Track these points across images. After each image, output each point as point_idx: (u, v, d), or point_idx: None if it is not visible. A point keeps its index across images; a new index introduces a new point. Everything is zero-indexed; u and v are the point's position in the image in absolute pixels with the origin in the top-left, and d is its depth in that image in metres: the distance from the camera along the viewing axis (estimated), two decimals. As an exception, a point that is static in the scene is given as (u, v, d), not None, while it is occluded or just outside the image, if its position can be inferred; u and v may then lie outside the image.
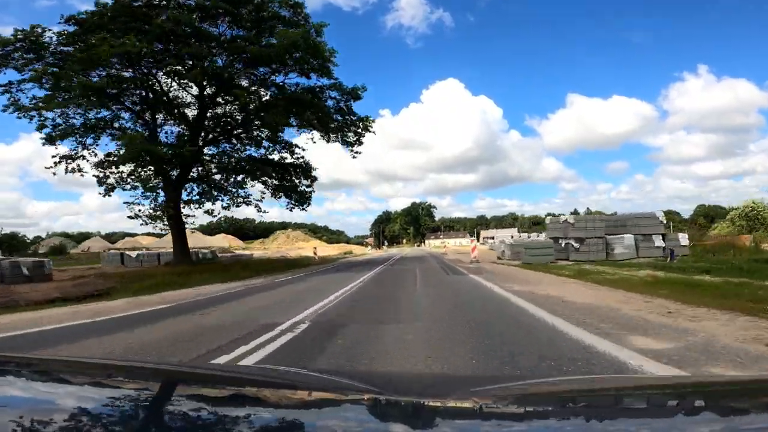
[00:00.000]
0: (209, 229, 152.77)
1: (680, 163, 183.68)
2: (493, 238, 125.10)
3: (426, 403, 1.15)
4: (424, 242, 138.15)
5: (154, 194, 22.32)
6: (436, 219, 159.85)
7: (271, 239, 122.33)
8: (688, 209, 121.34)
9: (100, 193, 22.61)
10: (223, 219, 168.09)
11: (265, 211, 28.28)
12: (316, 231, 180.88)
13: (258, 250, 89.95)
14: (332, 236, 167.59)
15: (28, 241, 68.84)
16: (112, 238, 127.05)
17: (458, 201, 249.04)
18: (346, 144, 25.45)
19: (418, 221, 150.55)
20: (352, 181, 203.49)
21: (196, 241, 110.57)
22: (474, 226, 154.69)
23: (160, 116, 24.78)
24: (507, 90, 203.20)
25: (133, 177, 22.86)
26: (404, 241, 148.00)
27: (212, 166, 26.16)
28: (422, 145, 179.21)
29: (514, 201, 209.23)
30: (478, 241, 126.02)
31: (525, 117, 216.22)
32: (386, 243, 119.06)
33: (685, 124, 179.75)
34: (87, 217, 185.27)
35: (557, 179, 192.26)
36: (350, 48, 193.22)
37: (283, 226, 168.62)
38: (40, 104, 20.15)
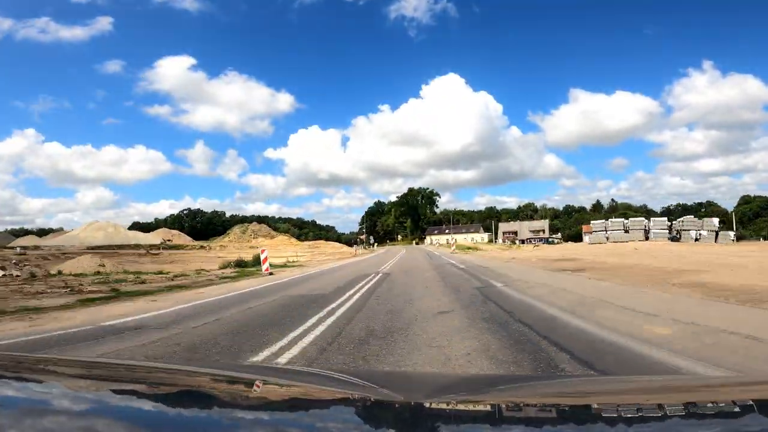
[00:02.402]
0: (166, 223, 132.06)
1: (681, 160, 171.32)
2: (515, 232, 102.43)
3: (428, 404, 1.13)
4: (424, 239, 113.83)
5: None
6: (437, 211, 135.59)
7: (226, 235, 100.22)
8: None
9: None
10: (186, 213, 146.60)
11: None
12: (303, 226, 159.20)
13: (193, 249, 66.05)
14: (320, 232, 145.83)
15: None
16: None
17: (458, 197, 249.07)
18: None
19: (417, 212, 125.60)
20: (351, 178, 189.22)
21: (108, 235, 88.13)
22: (483, 219, 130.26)
23: None
24: (509, 85, 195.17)
25: None
26: (399, 237, 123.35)
27: None
28: (422, 141, 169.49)
29: (513, 198, 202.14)
30: (495, 238, 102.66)
31: (527, 113, 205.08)
32: (373, 242, 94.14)
33: (689, 121, 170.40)
34: (83, 214, 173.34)
35: (557, 176, 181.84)
36: (351, 42, 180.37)
37: (261, 220, 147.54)
38: None
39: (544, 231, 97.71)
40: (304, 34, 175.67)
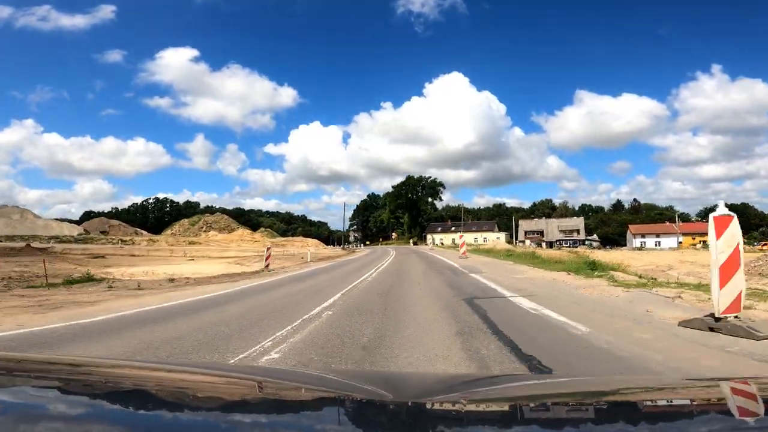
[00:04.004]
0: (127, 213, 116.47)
1: (684, 165, 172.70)
2: (541, 232, 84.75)
3: (427, 404, 1.13)
4: (424, 238, 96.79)
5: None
6: (440, 206, 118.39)
7: (170, 227, 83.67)
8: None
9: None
10: (152, 203, 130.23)
11: None
12: (292, 222, 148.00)
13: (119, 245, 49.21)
14: (311, 229, 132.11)
15: None
16: None
17: (457, 197, 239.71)
18: None
19: (416, 206, 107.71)
20: (351, 175, 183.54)
21: (9, 223, 70.53)
22: (491, 217, 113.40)
23: None
24: (513, 85, 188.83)
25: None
26: (394, 235, 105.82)
27: None
28: (424, 139, 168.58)
29: (514, 199, 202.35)
30: (514, 238, 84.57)
31: (531, 114, 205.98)
32: (352, 240, 77.20)
33: (695, 125, 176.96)
34: (80, 206, 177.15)
35: (558, 178, 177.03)
36: (356, 36, 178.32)
37: (240, 213, 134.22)
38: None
39: (578, 231, 79.66)
40: (309, 28, 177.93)
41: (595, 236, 75.33)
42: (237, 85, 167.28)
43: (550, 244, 64.43)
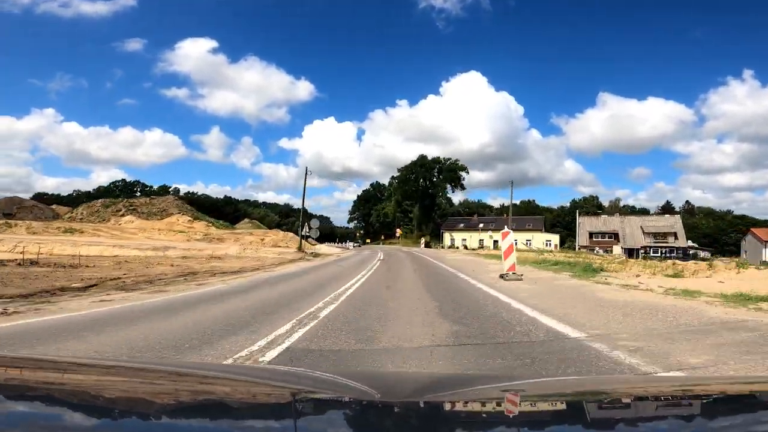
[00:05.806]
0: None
1: (706, 173, 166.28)
2: (614, 234, 58.53)
3: (423, 404, 1.13)
4: (440, 236, 77.35)
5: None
6: (458, 200, 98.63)
7: (70, 210, 66.06)
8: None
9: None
10: (120, 184, 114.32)
11: None
12: (289, 215, 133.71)
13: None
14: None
15: None
16: None
17: (471, 198, 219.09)
18: None
19: (429, 195, 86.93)
20: (364, 172, 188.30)
21: None
22: (519, 216, 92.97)
23: None
24: (534, 85, 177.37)
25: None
26: (398, 232, 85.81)
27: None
28: (438, 138, 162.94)
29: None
30: (577, 238, 61.54)
31: (551, 115, 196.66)
32: (353, 239, 59.18)
33: (722, 131, 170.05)
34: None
35: (574, 182, 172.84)
36: (375, 31, 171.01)
37: (228, 202, 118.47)
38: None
39: (675, 236, 57.62)
40: (328, 22, 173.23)
41: (689, 242, 53.78)
42: (254, 78, 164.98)
43: (630, 252, 44.30)
